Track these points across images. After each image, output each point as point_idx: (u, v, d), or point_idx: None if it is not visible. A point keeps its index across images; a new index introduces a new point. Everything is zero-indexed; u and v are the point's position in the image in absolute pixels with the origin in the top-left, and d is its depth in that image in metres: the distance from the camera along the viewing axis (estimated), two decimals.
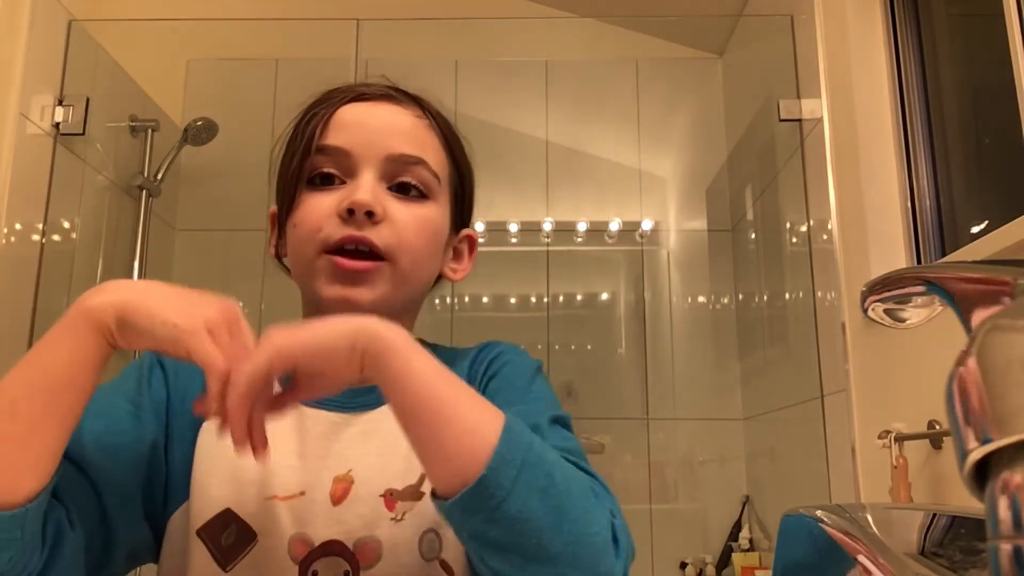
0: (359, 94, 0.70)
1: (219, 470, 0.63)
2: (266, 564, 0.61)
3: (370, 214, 0.64)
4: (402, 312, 0.71)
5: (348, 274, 0.64)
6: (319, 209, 0.66)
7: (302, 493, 0.62)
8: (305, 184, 0.68)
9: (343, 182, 0.67)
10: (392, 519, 0.63)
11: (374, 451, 0.65)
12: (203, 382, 0.66)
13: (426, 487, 0.64)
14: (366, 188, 0.65)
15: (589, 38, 2.59)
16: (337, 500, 0.63)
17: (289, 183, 0.68)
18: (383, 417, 0.67)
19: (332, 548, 0.61)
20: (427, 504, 0.63)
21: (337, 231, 0.64)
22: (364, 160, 0.67)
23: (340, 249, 0.65)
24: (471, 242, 0.77)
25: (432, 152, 0.70)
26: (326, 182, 0.67)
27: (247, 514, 0.62)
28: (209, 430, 0.64)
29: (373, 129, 0.68)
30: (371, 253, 0.65)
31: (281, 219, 0.70)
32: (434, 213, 0.69)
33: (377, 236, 0.65)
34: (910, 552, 0.51)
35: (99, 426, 0.61)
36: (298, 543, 0.61)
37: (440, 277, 0.76)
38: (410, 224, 0.67)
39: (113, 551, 0.60)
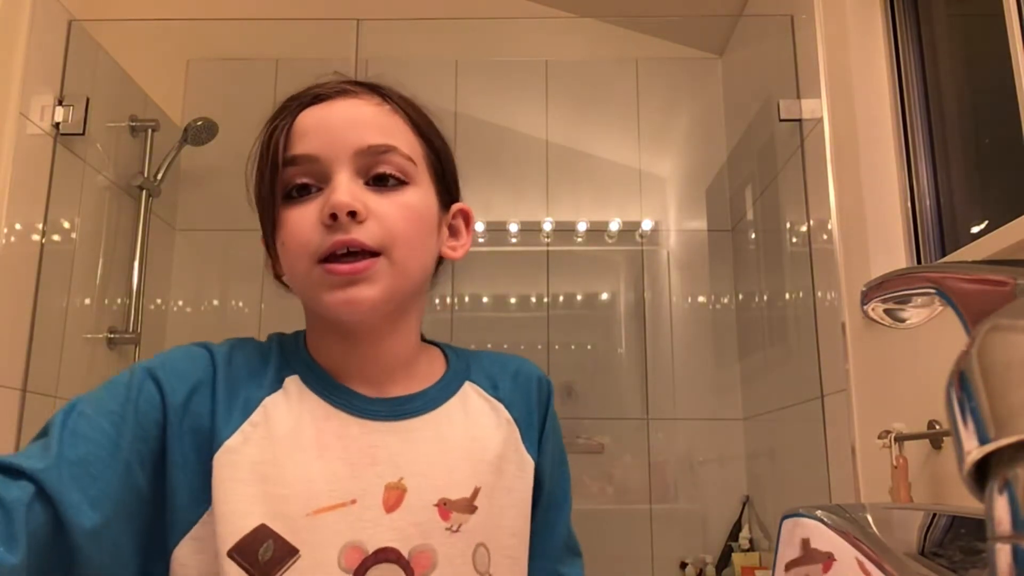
0: (315, 96, 0.68)
1: (246, 487, 0.61)
2: None
3: (353, 214, 0.63)
4: (410, 303, 0.70)
5: (345, 279, 0.63)
6: (302, 222, 0.64)
7: (353, 501, 0.62)
8: (283, 200, 0.66)
9: (319, 189, 0.65)
10: (447, 529, 0.64)
11: (423, 459, 0.65)
12: (211, 396, 0.63)
13: (479, 502, 0.65)
14: (343, 189, 0.63)
15: (589, 38, 2.59)
16: (391, 508, 0.62)
17: (267, 202, 0.66)
18: (427, 425, 0.68)
19: (387, 555, 0.61)
20: (479, 517, 0.65)
21: (325, 239, 0.63)
22: (335, 161, 0.65)
23: (332, 255, 0.63)
24: (466, 216, 0.75)
25: (401, 136, 0.68)
26: (303, 193, 0.65)
27: (285, 529, 0.60)
28: (231, 449, 0.61)
29: (336, 128, 0.66)
30: (363, 252, 0.63)
31: (268, 240, 0.68)
32: (417, 197, 0.67)
33: (365, 234, 0.63)
34: (910, 552, 0.51)
35: (75, 454, 0.56)
36: (351, 552, 0.60)
37: (442, 261, 0.75)
38: (395, 214, 0.65)
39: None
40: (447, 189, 0.72)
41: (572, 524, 0.79)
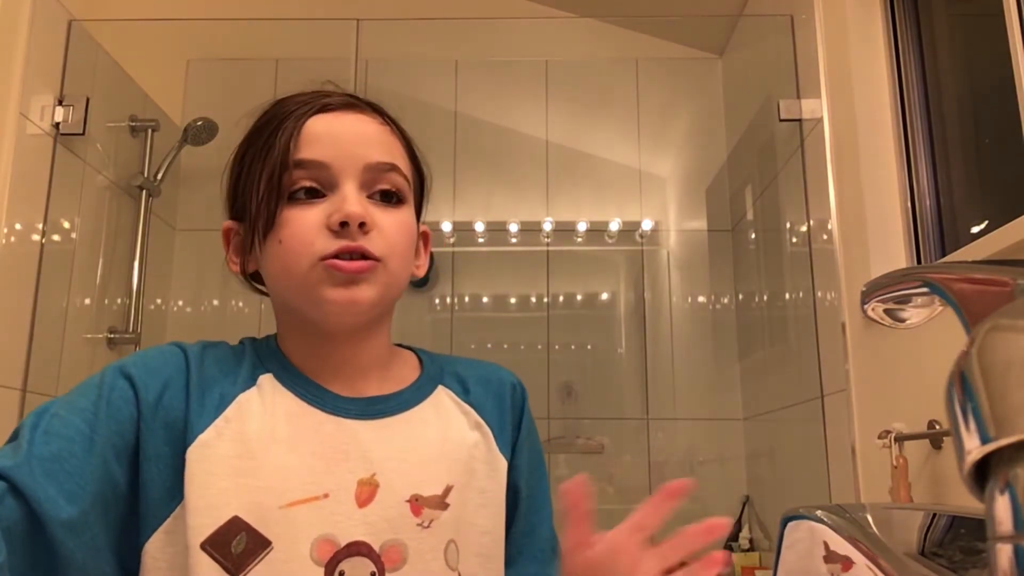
0: (323, 105, 0.71)
1: (220, 480, 0.62)
2: (286, 569, 0.61)
3: (362, 225, 0.66)
4: (387, 312, 0.73)
5: (349, 276, 0.65)
6: (307, 223, 0.66)
7: (325, 495, 0.63)
8: (286, 200, 0.68)
9: (323, 194, 0.68)
10: (419, 525, 0.65)
11: (396, 456, 0.67)
12: (183, 392, 0.64)
13: (451, 499, 0.67)
14: (354, 199, 0.66)
15: (589, 38, 2.59)
16: (363, 503, 0.64)
17: (266, 199, 0.68)
18: (400, 424, 0.69)
19: (359, 549, 0.63)
20: (451, 514, 0.67)
21: (331, 244, 0.65)
22: (343, 171, 0.68)
23: (336, 256, 0.66)
24: (426, 238, 0.80)
25: (400, 157, 0.72)
26: (309, 196, 0.68)
27: (258, 521, 0.61)
28: (204, 443, 0.63)
29: (346, 140, 0.69)
30: (364, 257, 0.66)
31: (255, 235, 0.69)
32: (408, 216, 0.72)
33: (371, 244, 0.66)
34: (910, 552, 0.51)
35: (47, 451, 0.58)
36: (323, 544, 0.62)
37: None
38: (394, 229, 0.69)
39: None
40: (419, 211, 0.77)
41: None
